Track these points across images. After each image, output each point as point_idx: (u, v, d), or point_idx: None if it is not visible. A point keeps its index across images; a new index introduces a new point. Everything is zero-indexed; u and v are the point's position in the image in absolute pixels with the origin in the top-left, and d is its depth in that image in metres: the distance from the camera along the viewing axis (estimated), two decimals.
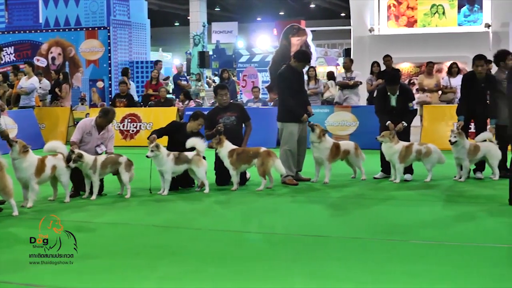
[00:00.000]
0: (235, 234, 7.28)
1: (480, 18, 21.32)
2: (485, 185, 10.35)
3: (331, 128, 15.50)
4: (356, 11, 22.39)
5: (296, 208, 8.84)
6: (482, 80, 10.82)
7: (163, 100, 17.90)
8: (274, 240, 6.98)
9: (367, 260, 6.06)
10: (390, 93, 10.81)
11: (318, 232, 7.24)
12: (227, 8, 48.27)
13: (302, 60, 10.91)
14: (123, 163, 9.48)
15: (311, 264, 5.94)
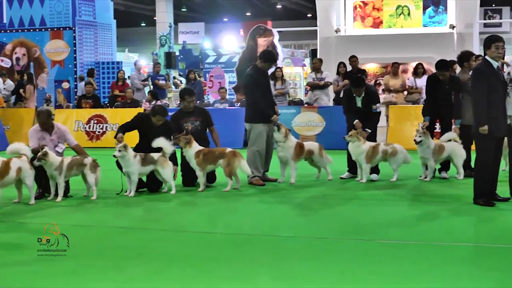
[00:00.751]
0: (201, 235, 7.26)
1: (445, 19, 21.50)
2: (450, 184, 10.46)
3: (298, 129, 15.55)
4: (323, 12, 22.45)
5: (263, 209, 8.86)
6: (446, 82, 10.93)
7: (130, 101, 17.81)
8: (240, 240, 6.97)
9: (334, 260, 6.08)
10: (356, 94, 10.87)
11: (284, 233, 7.25)
12: (194, 8, 48.11)
13: (268, 60, 10.92)
14: (89, 165, 9.40)
15: (278, 265, 5.94)
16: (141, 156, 9.58)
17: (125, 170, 9.56)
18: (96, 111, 17.39)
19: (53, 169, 9.15)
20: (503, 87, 8.48)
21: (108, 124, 17.04)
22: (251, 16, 46.99)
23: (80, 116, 17.36)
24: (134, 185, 9.62)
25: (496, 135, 8.41)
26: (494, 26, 40.20)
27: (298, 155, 10.60)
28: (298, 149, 10.56)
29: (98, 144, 16.72)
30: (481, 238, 7.05)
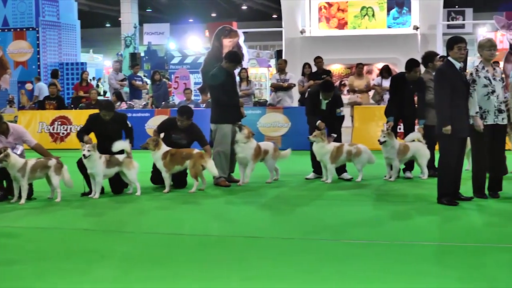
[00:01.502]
0: (167, 237, 7.23)
1: (409, 21, 21.69)
2: (414, 184, 10.54)
3: (263, 130, 15.58)
4: (288, 13, 22.51)
5: (229, 210, 8.86)
6: (411, 82, 11.02)
7: (94, 102, 17.66)
8: (206, 242, 6.95)
9: (300, 260, 6.09)
10: (323, 98, 10.92)
11: (251, 233, 7.26)
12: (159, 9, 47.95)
13: (233, 61, 10.92)
14: (53, 167, 9.31)
15: (244, 266, 5.94)
16: (106, 157, 9.51)
17: (90, 172, 9.47)
18: (60, 112, 17.23)
19: (15, 171, 9.03)
20: (465, 88, 8.59)
21: (72, 126, 16.88)
22: (216, 17, 46.97)
23: (44, 117, 17.18)
24: (99, 186, 9.54)
25: (459, 135, 8.50)
26: (457, 27, 40.65)
27: (258, 156, 10.60)
28: (258, 150, 10.57)
29: (62, 146, 16.57)
30: (445, 237, 7.12)
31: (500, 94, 8.83)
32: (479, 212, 8.23)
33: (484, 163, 8.95)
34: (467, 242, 6.73)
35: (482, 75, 8.77)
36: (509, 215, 8.04)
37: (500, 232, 7.15)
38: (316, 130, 10.67)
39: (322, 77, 16.00)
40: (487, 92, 8.74)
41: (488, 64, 8.90)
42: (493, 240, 6.80)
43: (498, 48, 10.61)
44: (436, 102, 8.79)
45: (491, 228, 7.41)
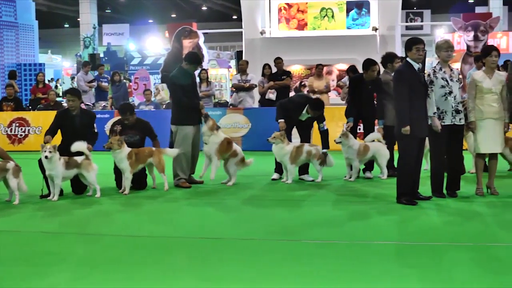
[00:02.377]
0: (127, 239, 7.17)
1: (368, 22, 21.83)
2: (374, 184, 10.62)
3: (224, 130, 15.51)
4: (248, 14, 22.50)
5: (190, 211, 8.82)
6: (369, 83, 11.12)
7: (53, 103, 17.48)
8: (168, 243, 6.92)
9: (260, 261, 6.10)
10: (308, 113, 10.97)
11: (212, 234, 7.25)
12: (118, 10, 47.61)
13: (194, 62, 10.89)
14: (11, 169, 9.19)
15: (205, 267, 5.92)
16: (65, 159, 9.41)
17: (49, 173, 9.37)
18: (18, 114, 17.01)
19: None
20: (423, 89, 8.69)
21: (30, 127, 16.68)
22: (176, 17, 46.76)
23: (1, 119, 16.93)
24: (58, 188, 9.44)
25: (418, 136, 8.59)
26: (416, 29, 41.10)
27: (223, 151, 10.57)
28: (224, 145, 10.54)
29: (20, 147, 16.36)
30: (404, 236, 7.17)
31: (457, 95, 8.95)
32: (438, 211, 8.32)
33: (442, 163, 9.06)
34: (426, 241, 6.79)
35: (440, 76, 8.88)
36: (466, 214, 8.14)
37: (458, 231, 7.24)
38: (275, 132, 10.70)
39: (282, 78, 16.07)
40: (445, 93, 8.85)
41: (445, 65, 9.02)
42: (451, 239, 6.88)
43: (455, 49, 10.74)
44: (395, 103, 8.88)
45: (449, 227, 7.49)
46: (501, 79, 9.16)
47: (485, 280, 5.37)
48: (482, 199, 8.99)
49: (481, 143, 9.17)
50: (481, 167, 9.35)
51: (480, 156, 9.34)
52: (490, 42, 22.49)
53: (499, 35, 29.74)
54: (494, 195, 9.21)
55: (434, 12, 43.59)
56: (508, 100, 9.21)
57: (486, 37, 20.48)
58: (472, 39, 20.36)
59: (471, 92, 9.18)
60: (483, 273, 5.57)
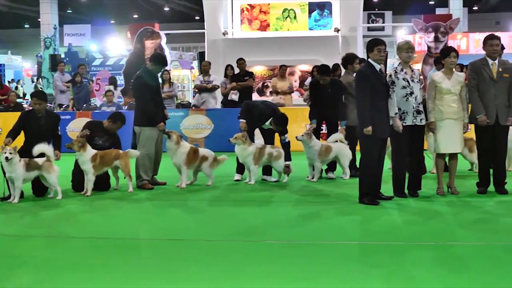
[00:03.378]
0: (90, 241, 7.12)
1: (330, 23, 21.93)
2: (336, 184, 10.69)
3: (186, 132, 15.53)
4: (210, 15, 22.47)
5: (153, 213, 8.79)
6: (329, 86, 11.20)
7: (13, 104, 17.27)
8: (130, 245, 6.88)
9: (224, 262, 6.09)
10: (273, 128, 11.03)
11: (175, 236, 7.23)
12: (80, 10, 47.16)
13: (159, 63, 10.85)
14: None
15: (167, 268, 5.91)
16: (25, 161, 9.31)
17: (9, 175, 9.26)
18: None
19: None
20: (385, 89, 8.77)
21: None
22: (138, 18, 46.46)
23: None
24: (18, 191, 9.34)
25: (379, 136, 8.66)
26: (377, 30, 41.32)
27: (192, 160, 10.54)
28: (191, 154, 10.51)
29: None
30: (366, 236, 7.23)
31: (418, 96, 9.04)
32: (399, 211, 8.39)
33: (404, 163, 9.15)
34: (388, 241, 6.85)
35: (401, 76, 8.97)
36: (427, 213, 8.22)
37: (419, 230, 7.31)
38: (237, 133, 10.71)
39: (244, 79, 16.08)
40: (406, 94, 8.94)
41: (406, 66, 9.10)
42: (413, 238, 6.95)
43: (416, 50, 10.85)
44: (357, 104, 8.95)
45: (410, 226, 7.56)
46: (460, 80, 9.28)
47: (445, 279, 5.43)
48: (442, 199, 9.10)
49: (441, 143, 9.28)
50: (441, 167, 9.46)
51: (440, 156, 9.45)
52: (451, 43, 22.75)
53: (459, 36, 30.09)
54: (455, 194, 9.32)
55: (395, 13, 43.89)
56: (467, 101, 9.33)
57: (446, 38, 20.69)
58: (433, 40, 20.56)
59: (431, 93, 9.28)
60: (444, 272, 5.63)
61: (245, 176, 11.05)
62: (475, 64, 9.45)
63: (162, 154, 10.84)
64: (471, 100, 9.33)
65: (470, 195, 9.34)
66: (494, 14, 47.02)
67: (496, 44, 9.30)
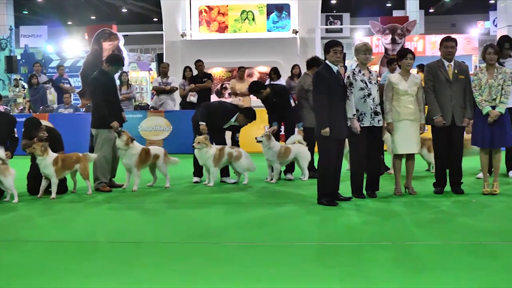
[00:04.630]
0: (48, 244, 7.03)
1: (288, 25, 21.99)
2: (295, 185, 10.71)
3: (144, 133, 15.46)
4: (168, 16, 22.38)
5: (111, 215, 8.72)
6: (271, 96, 11.30)
7: None
8: (88, 248, 6.81)
9: (182, 264, 6.07)
10: (240, 122, 11.21)
11: (133, 239, 7.17)
12: (36, 11, 46.65)
13: (115, 64, 10.78)
14: None
15: (125, 271, 5.86)
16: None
17: None
18: None
19: None
20: (343, 91, 8.82)
21: None
22: (96, 19, 46.12)
23: None
24: None
25: (337, 137, 8.71)
26: (336, 32, 41.63)
27: (143, 162, 10.48)
28: (143, 156, 10.44)
29: None
30: (324, 237, 7.25)
31: (376, 97, 9.11)
32: (357, 212, 8.44)
33: (362, 164, 9.20)
34: (346, 241, 6.89)
35: (359, 78, 9.03)
36: (385, 213, 8.28)
37: (377, 231, 7.35)
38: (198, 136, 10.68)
39: (203, 81, 16.06)
40: (364, 95, 9.00)
41: (364, 68, 9.17)
42: (371, 238, 6.99)
43: (373, 52, 10.95)
44: (315, 105, 8.99)
45: (368, 226, 7.61)
46: (417, 81, 9.38)
47: (403, 278, 5.48)
48: (400, 199, 9.18)
49: (398, 144, 9.36)
50: (399, 168, 9.54)
51: (398, 157, 9.53)
52: (407, 45, 23.00)
53: (415, 38, 30.45)
54: (412, 194, 9.41)
55: (353, 15, 44.27)
56: (423, 102, 9.43)
57: (403, 40, 20.91)
58: (390, 42, 20.76)
59: (388, 94, 9.36)
60: (401, 272, 5.67)
61: (204, 178, 11.03)
62: (431, 66, 9.55)
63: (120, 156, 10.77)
64: (427, 101, 9.43)
65: (427, 195, 9.44)
66: (450, 17, 47.73)
67: (451, 46, 9.42)
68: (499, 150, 9.56)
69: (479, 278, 5.47)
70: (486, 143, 9.37)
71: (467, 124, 9.42)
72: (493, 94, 9.23)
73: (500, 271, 5.64)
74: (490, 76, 9.29)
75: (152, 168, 10.81)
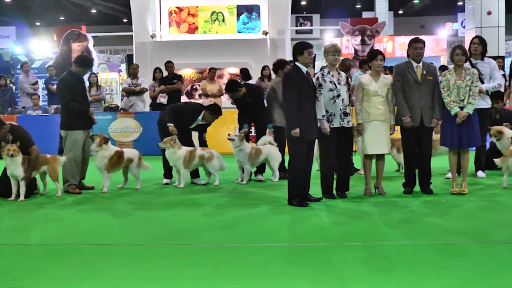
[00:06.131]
0: (15, 247, 6.96)
1: (258, 26, 22.03)
2: (266, 186, 10.72)
3: (114, 135, 15.36)
4: (138, 17, 22.31)
5: (81, 217, 8.65)
6: (247, 95, 11.28)
7: None
8: (57, 251, 6.75)
9: (153, 266, 6.04)
10: (208, 120, 11.16)
11: (103, 241, 7.13)
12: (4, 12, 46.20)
13: (84, 65, 10.71)
14: None
15: (95, 274, 5.82)
16: None
17: None
18: None
19: None
20: (312, 92, 8.85)
21: None
22: (65, 20, 45.83)
23: None
24: None
25: (307, 138, 8.74)
26: (305, 33, 41.79)
27: (115, 165, 10.42)
28: (114, 159, 10.38)
29: None
30: (295, 238, 7.27)
31: (345, 98, 9.16)
32: (328, 212, 8.47)
33: (332, 164, 9.25)
34: (316, 242, 6.90)
35: (328, 79, 9.06)
36: (355, 214, 8.32)
37: (347, 231, 7.39)
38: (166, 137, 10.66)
39: (173, 82, 16.00)
40: (333, 96, 9.04)
41: (333, 69, 9.21)
42: (341, 238, 7.02)
43: (343, 53, 11.01)
44: (285, 106, 9.01)
45: (339, 227, 7.64)
46: (387, 82, 9.45)
47: (373, 278, 5.51)
48: (370, 199, 9.23)
49: (368, 144, 9.42)
50: (369, 168, 9.59)
51: (368, 157, 9.58)
52: (377, 46, 23.14)
53: (385, 39, 30.66)
54: (382, 195, 9.47)
55: (323, 16, 44.46)
56: (393, 103, 9.50)
57: (373, 42, 21.06)
58: (359, 43, 20.90)
59: (358, 95, 9.42)
60: (371, 271, 5.70)
61: (174, 179, 11.00)
62: (400, 67, 9.62)
63: (89, 158, 10.70)
64: (396, 102, 9.50)
65: (397, 195, 9.51)
66: (419, 18, 48.12)
67: (420, 47, 9.49)
68: (468, 150, 9.66)
69: (447, 277, 5.51)
70: (455, 143, 9.46)
71: (436, 124, 9.51)
72: (461, 95, 9.32)
73: (468, 271, 5.70)
74: (458, 77, 9.38)
75: (125, 171, 10.75)
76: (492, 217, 8.06)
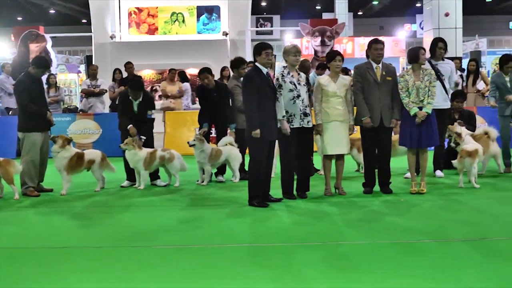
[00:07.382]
0: None
1: (218, 27, 22.03)
2: (226, 187, 10.71)
3: (73, 137, 15.18)
4: (97, 18, 22.17)
5: (39, 220, 8.55)
6: (214, 90, 11.24)
7: None
8: (15, 254, 6.65)
9: (112, 268, 5.99)
10: (133, 98, 10.86)
11: (61, 244, 7.04)
12: None
13: (41, 66, 10.59)
14: None
15: (54, 277, 5.75)
16: None
17: None
18: None
19: None
20: (272, 92, 8.86)
21: None
22: (23, 20, 45.30)
23: None
24: None
25: (268, 139, 8.75)
26: (266, 34, 41.89)
27: (74, 166, 10.30)
28: (74, 160, 10.26)
29: None
30: (256, 238, 7.26)
31: (305, 99, 9.18)
32: (288, 212, 8.49)
33: (292, 165, 9.27)
34: (277, 242, 6.91)
35: (288, 80, 9.08)
36: (316, 214, 8.34)
37: (308, 231, 7.41)
38: (128, 137, 10.59)
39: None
40: (293, 97, 9.06)
41: (293, 70, 9.23)
42: (302, 239, 7.02)
43: (303, 54, 11.04)
44: (245, 107, 9.01)
45: (299, 227, 7.65)
46: (345, 83, 9.50)
47: (334, 278, 5.52)
48: (330, 199, 9.27)
49: (328, 144, 9.46)
50: (329, 168, 9.64)
51: (328, 158, 9.62)
52: (337, 47, 23.28)
53: (345, 40, 30.88)
54: (342, 195, 9.53)
55: (283, 17, 44.60)
56: (352, 103, 9.56)
57: (333, 42, 21.17)
58: (319, 44, 20.99)
59: (318, 96, 9.46)
60: (332, 271, 5.72)
61: None
62: (360, 68, 9.68)
63: (48, 160, 10.58)
64: (356, 102, 9.56)
65: (357, 195, 9.57)
66: (378, 19, 48.53)
67: (380, 48, 9.57)
68: (426, 150, 9.76)
69: (407, 276, 5.55)
70: (414, 143, 9.55)
71: (395, 125, 9.60)
72: (420, 96, 9.41)
73: (427, 269, 5.74)
74: (416, 78, 9.47)
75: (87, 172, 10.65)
76: (450, 216, 8.14)
